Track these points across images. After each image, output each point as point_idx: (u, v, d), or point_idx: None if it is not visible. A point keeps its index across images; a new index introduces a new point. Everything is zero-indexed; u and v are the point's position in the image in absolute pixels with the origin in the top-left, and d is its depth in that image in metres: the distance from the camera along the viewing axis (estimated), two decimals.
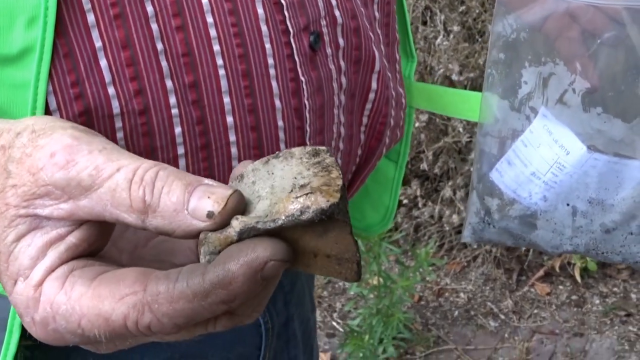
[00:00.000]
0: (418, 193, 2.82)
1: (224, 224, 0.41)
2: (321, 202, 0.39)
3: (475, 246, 2.78)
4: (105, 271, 0.44)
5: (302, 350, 0.92)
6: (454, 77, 2.61)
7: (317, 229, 0.40)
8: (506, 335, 2.53)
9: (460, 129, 2.63)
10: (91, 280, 0.43)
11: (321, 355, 2.47)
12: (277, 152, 0.43)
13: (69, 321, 0.43)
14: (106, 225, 0.45)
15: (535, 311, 2.63)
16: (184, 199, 0.42)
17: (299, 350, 0.91)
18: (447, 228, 2.77)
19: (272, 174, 0.42)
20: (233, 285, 0.40)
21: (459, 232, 2.82)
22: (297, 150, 0.42)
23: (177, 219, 0.42)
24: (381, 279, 2.30)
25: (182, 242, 0.49)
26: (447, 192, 2.72)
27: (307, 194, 0.39)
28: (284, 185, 0.41)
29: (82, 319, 0.42)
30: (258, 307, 0.45)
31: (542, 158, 0.72)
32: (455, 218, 2.71)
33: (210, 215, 0.41)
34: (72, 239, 0.44)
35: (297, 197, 0.39)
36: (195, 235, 0.42)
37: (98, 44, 0.59)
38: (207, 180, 0.42)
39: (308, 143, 0.68)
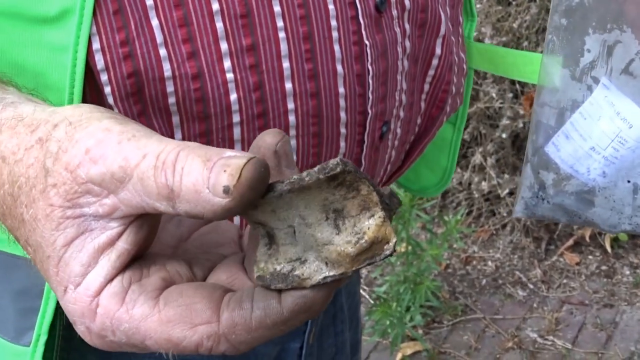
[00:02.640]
0: None
1: (243, 200, 0.37)
2: (386, 249, 0.38)
3: (505, 214, 2.74)
4: (165, 286, 0.42)
5: (348, 324, 0.90)
6: (486, 41, 2.55)
7: None
8: (535, 305, 2.50)
9: (493, 94, 2.58)
10: (154, 300, 0.41)
11: None
12: (288, 186, 0.38)
13: (131, 338, 0.41)
14: (153, 221, 0.43)
15: (565, 281, 2.60)
16: (203, 177, 0.37)
17: (345, 325, 0.89)
18: (476, 195, 2.73)
19: (292, 205, 0.39)
20: (314, 308, 0.39)
21: (488, 200, 2.78)
22: (311, 183, 0.37)
23: (200, 199, 0.37)
24: (410, 247, 2.27)
25: (226, 233, 0.47)
26: (477, 158, 2.68)
27: (367, 249, 0.38)
28: (316, 215, 0.38)
29: (147, 339, 0.41)
30: None
31: (602, 132, 0.68)
32: (484, 185, 2.67)
33: (226, 190, 0.37)
34: (123, 244, 0.41)
35: (358, 255, 0.38)
36: (223, 215, 0.38)
37: (149, 2, 0.56)
38: (229, 152, 0.38)
39: (370, 112, 0.64)
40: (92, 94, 0.57)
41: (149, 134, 0.40)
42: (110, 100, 0.56)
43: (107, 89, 0.56)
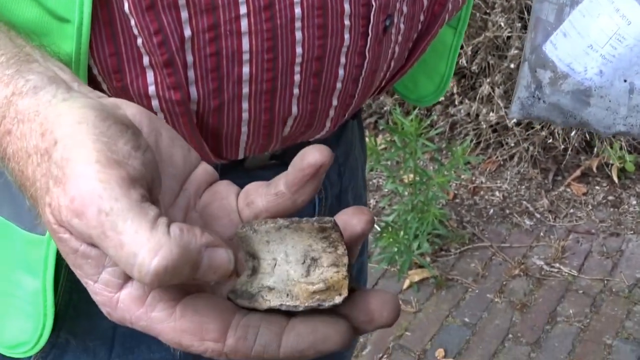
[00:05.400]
0: (455, 90, 2.76)
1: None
2: (336, 298, 0.45)
3: (512, 144, 2.74)
4: (180, 297, 0.45)
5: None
6: None
7: None
8: (541, 234, 2.52)
9: (502, 24, 2.55)
10: (171, 309, 0.45)
11: None
12: (288, 222, 0.47)
13: (146, 331, 0.45)
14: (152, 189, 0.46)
15: (571, 211, 2.61)
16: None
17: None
18: (484, 126, 2.73)
19: (284, 241, 0.47)
20: (304, 356, 0.45)
21: (495, 131, 2.78)
22: (306, 226, 0.47)
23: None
24: (417, 176, 2.28)
25: (223, 208, 0.51)
26: (485, 89, 2.67)
27: (322, 291, 0.46)
28: (297, 255, 0.47)
29: (160, 337, 0.45)
30: None
31: (600, 29, 0.68)
32: (492, 116, 2.67)
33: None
34: None
35: (313, 293, 0.46)
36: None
37: None
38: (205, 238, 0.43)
39: (373, 4, 0.65)
40: None
41: (129, 208, 0.41)
42: None
43: None
